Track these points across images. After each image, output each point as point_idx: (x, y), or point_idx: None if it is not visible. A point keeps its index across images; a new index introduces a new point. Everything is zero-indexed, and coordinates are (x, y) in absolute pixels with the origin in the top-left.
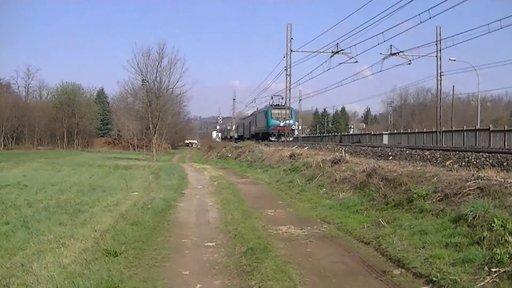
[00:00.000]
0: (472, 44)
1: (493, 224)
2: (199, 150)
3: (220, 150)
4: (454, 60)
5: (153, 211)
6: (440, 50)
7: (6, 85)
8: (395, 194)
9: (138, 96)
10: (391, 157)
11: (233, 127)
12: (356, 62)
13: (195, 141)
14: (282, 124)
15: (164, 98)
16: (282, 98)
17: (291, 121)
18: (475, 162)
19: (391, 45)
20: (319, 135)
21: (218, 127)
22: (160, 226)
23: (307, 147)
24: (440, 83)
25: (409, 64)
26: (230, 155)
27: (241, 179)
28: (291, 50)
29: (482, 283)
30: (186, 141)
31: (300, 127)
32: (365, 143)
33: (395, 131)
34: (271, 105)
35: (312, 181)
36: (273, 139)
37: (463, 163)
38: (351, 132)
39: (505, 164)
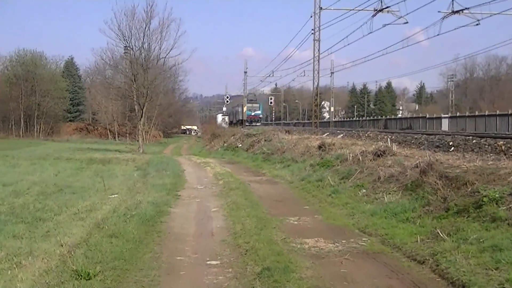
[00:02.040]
0: None
1: None
2: (199, 139)
3: (227, 138)
4: None
5: (139, 219)
6: None
7: None
8: (458, 197)
9: (120, 68)
10: (452, 148)
11: (244, 109)
12: (406, 23)
13: (195, 127)
14: (253, 113)
15: (153, 70)
16: (254, 95)
17: (259, 111)
18: None
19: (452, 0)
20: (358, 119)
21: (224, 109)
22: (148, 239)
23: (342, 134)
24: None
25: (477, 25)
26: (240, 145)
27: (254, 177)
28: (320, 8)
29: None
30: (183, 127)
31: (331, 109)
32: (418, 129)
33: (458, 114)
34: (247, 100)
35: (348, 179)
36: (247, 124)
37: None
38: (400, 116)
39: None
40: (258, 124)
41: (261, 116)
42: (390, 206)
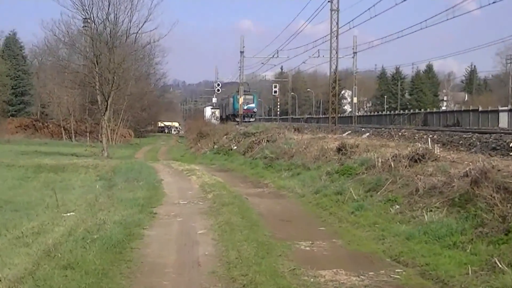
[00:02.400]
0: None
1: None
2: (182, 139)
3: (218, 139)
4: None
5: (102, 244)
6: None
7: None
8: None
9: (78, 46)
10: None
11: (240, 99)
12: None
13: (176, 124)
14: (245, 107)
15: (122, 50)
16: (247, 84)
17: (253, 105)
18: None
19: None
20: (388, 113)
21: (214, 100)
22: (115, 271)
23: (368, 133)
24: None
25: None
26: (235, 147)
27: (254, 189)
28: None
29: None
30: (161, 124)
31: (354, 100)
32: (468, 126)
33: None
34: (237, 91)
35: (376, 192)
36: (238, 119)
37: None
38: (444, 108)
39: None
40: (251, 120)
41: (255, 110)
42: (432, 227)
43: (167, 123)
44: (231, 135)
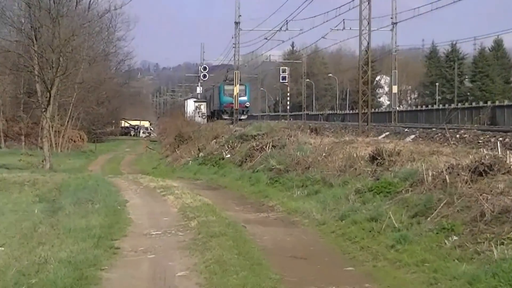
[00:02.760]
0: None
1: None
2: (154, 145)
3: (204, 144)
4: None
5: None
6: None
7: None
8: None
9: (9, 16)
10: None
11: (236, 89)
12: None
13: (146, 124)
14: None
15: (70, 20)
16: (237, 69)
17: (245, 97)
18: None
19: None
20: (442, 106)
21: (199, 90)
22: None
23: (413, 135)
24: None
25: None
26: (228, 155)
27: (254, 214)
28: None
29: None
30: (125, 124)
31: (394, 89)
32: None
33: None
34: (225, 80)
35: (426, 217)
36: (226, 117)
37: None
38: None
39: None
40: (243, 117)
41: (247, 104)
42: (504, 267)
43: (133, 123)
44: (222, 139)
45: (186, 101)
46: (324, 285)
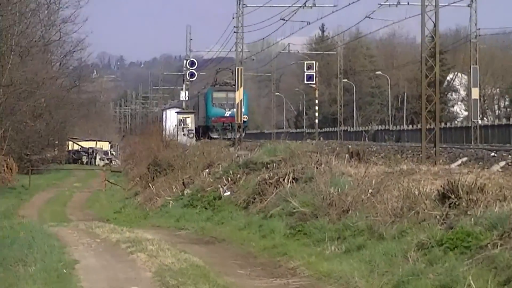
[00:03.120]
0: None
1: None
2: (118, 178)
3: (193, 174)
4: None
5: None
6: None
7: None
8: None
9: None
10: None
11: (238, 95)
12: None
13: (105, 146)
14: (228, 113)
15: None
16: (232, 72)
17: (243, 109)
18: None
19: None
20: None
21: (183, 96)
22: None
23: (503, 162)
24: None
25: None
26: (227, 192)
27: (267, 280)
28: None
29: None
30: (73, 147)
31: (474, 92)
32: None
33: None
34: (214, 84)
35: None
36: (215, 135)
37: None
38: None
39: None
40: (232, 136)
41: (245, 117)
42: None
43: (86, 144)
44: (219, 169)
45: (164, 112)
46: None
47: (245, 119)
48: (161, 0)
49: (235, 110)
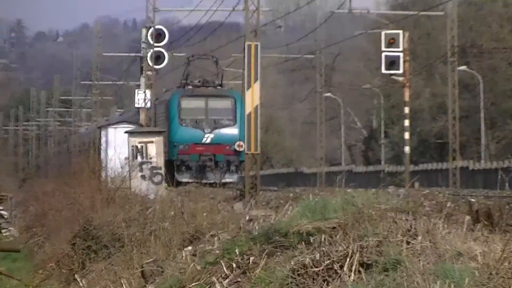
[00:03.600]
0: None
1: None
2: (11, 263)
3: (160, 254)
4: None
5: None
6: None
7: None
8: None
9: None
10: None
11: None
12: None
13: None
14: (209, 137)
15: None
16: (216, 63)
17: (235, 128)
18: None
19: None
20: None
21: (140, 99)
22: None
23: None
24: None
25: None
26: None
27: None
28: None
29: None
30: None
31: None
32: None
33: None
34: (184, 83)
35: None
36: (184, 178)
37: None
38: None
39: None
40: (229, 178)
41: (241, 145)
42: None
43: None
44: (213, 245)
45: (104, 132)
46: None
47: (240, 148)
48: None
49: (223, 130)
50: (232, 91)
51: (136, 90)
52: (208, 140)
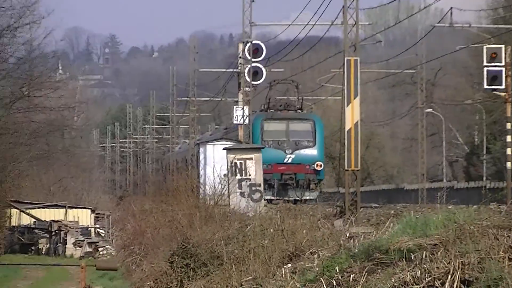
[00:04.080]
0: None
1: None
2: (109, 282)
3: (259, 271)
4: None
5: None
6: None
7: None
8: None
9: None
10: None
11: (351, 116)
12: None
13: (85, 215)
14: (290, 157)
15: None
16: (296, 86)
17: (314, 149)
18: None
19: None
20: None
21: (238, 116)
22: None
23: None
24: None
25: None
26: None
27: None
28: None
29: None
30: (20, 220)
31: None
32: None
33: None
34: (264, 109)
35: None
36: (267, 197)
37: None
38: None
39: None
40: (309, 196)
41: (320, 165)
42: None
43: (47, 215)
44: (314, 262)
45: (202, 149)
46: None
47: (319, 167)
48: None
49: (304, 151)
50: (312, 115)
51: (234, 107)
52: (290, 160)
